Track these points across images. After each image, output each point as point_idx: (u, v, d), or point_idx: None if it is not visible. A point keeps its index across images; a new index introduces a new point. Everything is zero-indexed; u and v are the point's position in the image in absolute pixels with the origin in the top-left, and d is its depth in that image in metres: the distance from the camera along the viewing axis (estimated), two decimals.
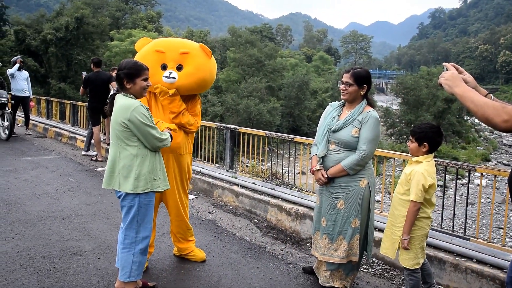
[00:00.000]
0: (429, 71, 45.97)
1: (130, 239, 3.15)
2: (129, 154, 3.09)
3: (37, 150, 9.70)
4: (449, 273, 3.76)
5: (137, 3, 56.96)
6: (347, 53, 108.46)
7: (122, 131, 3.06)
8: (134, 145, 3.09)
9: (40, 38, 33.85)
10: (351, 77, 3.47)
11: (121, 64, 3.17)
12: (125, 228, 3.15)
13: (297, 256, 4.42)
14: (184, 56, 3.75)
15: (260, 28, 66.59)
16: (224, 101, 32.21)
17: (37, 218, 5.09)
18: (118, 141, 3.10)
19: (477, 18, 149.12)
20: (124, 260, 3.15)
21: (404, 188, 3.22)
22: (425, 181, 3.09)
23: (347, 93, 3.49)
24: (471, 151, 32.61)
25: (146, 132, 3.06)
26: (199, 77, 3.80)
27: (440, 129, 3.30)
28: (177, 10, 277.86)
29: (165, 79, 3.66)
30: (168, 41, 3.94)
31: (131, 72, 3.12)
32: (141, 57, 3.71)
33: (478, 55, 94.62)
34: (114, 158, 3.12)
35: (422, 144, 3.21)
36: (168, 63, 3.71)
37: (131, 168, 3.08)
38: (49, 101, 14.22)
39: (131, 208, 3.12)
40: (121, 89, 3.17)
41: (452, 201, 16.23)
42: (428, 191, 3.13)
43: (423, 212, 3.20)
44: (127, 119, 3.02)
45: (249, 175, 6.63)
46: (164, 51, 3.73)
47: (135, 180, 3.07)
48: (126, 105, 3.04)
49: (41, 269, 3.77)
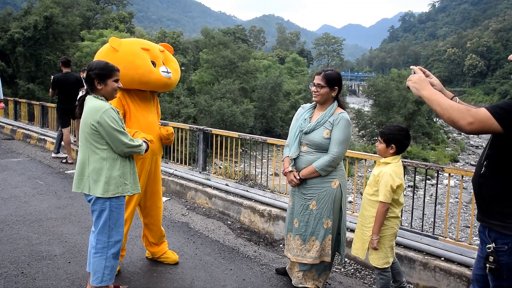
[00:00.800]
0: (399, 73, 46.80)
1: (102, 244, 3.10)
2: (98, 158, 3.02)
3: (4, 152, 9.45)
4: (418, 271, 3.85)
5: (109, 3, 56.11)
6: (320, 55, 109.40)
7: (91, 134, 3.00)
8: (103, 148, 3.03)
9: (7, 37, 32.90)
10: (323, 79, 3.51)
11: (92, 65, 3.10)
12: (97, 233, 3.09)
13: (270, 258, 4.44)
14: (163, 54, 3.88)
15: (233, 29, 66.55)
16: (197, 102, 32.02)
17: (4, 223, 4.95)
18: (88, 144, 3.03)
19: (445, 22, 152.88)
20: (96, 264, 3.10)
21: (373, 189, 3.28)
22: (393, 182, 3.16)
23: (319, 95, 3.53)
24: (440, 152, 33.38)
25: (114, 137, 2.99)
26: (179, 72, 4.02)
27: (408, 131, 3.38)
28: (149, 11, 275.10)
29: (165, 74, 3.72)
30: (141, 40, 3.93)
31: (102, 73, 3.06)
32: (132, 56, 3.63)
33: (446, 58, 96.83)
34: (83, 161, 3.06)
35: (389, 145, 3.28)
36: (155, 60, 3.74)
37: (100, 171, 3.02)
38: (17, 102, 13.86)
39: (102, 212, 3.06)
40: (91, 90, 3.09)
41: (421, 201, 16.56)
42: (396, 191, 3.20)
43: (392, 212, 3.26)
44: (96, 121, 2.95)
45: (222, 177, 6.62)
46: (149, 48, 3.75)
47: (105, 184, 3.01)
48: (96, 107, 2.98)
49: (8, 275, 3.67)
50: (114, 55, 3.60)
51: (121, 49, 3.64)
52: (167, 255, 4.07)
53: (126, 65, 3.51)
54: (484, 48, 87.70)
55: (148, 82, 3.67)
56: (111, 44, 3.66)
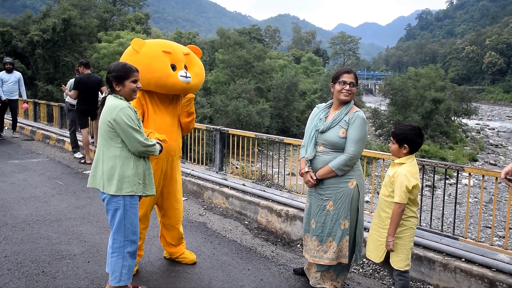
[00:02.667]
0: (416, 72, 46.40)
1: (118, 243, 3.12)
2: (112, 156, 3.06)
3: (25, 153, 9.60)
4: (438, 272, 3.80)
5: (125, 5, 56.64)
6: (336, 54, 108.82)
7: (107, 131, 3.04)
8: (117, 146, 3.06)
9: (26, 40, 33.50)
10: (355, 77, 3.53)
11: (110, 67, 3.16)
12: (113, 232, 3.12)
13: (288, 258, 4.43)
14: (187, 57, 3.84)
15: (248, 29, 66.60)
16: (213, 102, 32.15)
17: (25, 222, 5.03)
18: (103, 141, 3.08)
19: (463, 19, 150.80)
20: (113, 264, 3.12)
21: (389, 190, 3.23)
22: (408, 182, 3.11)
23: (351, 94, 3.51)
24: (458, 151, 32.93)
25: (129, 134, 3.03)
26: (203, 76, 3.98)
27: (420, 130, 3.32)
28: (165, 12, 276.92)
29: (183, 79, 3.66)
30: (168, 42, 3.90)
31: (120, 74, 3.11)
32: (151, 58, 3.62)
33: (464, 56, 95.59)
34: (98, 158, 3.11)
35: (402, 145, 3.24)
36: (176, 63, 3.70)
37: (114, 169, 3.05)
38: (37, 103, 14.08)
39: (116, 211, 3.08)
40: (111, 91, 3.15)
41: (440, 201, 16.36)
42: (412, 191, 3.15)
43: (410, 211, 3.21)
44: (112, 119, 3.00)
45: (239, 177, 6.62)
46: (171, 51, 3.72)
47: (118, 182, 3.04)
48: (114, 105, 3.03)
49: (29, 274, 3.73)
50: (134, 56, 3.64)
51: (142, 51, 3.66)
52: (184, 255, 4.08)
53: (144, 67, 3.51)
54: (504, 45, 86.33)
55: (165, 86, 3.65)
56: (132, 46, 3.69)
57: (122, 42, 32.65)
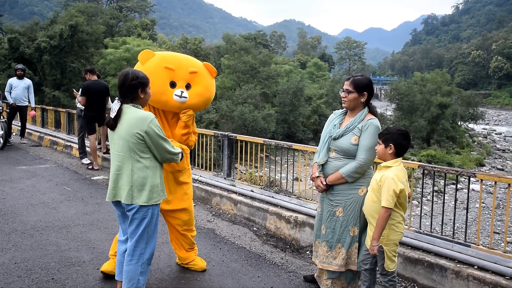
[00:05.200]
0: (422, 77, 46.31)
1: (140, 250, 3.13)
2: (143, 167, 3.07)
3: (33, 159, 9.63)
4: (450, 280, 3.75)
5: (131, 11, 56.96)
6: (341, 60, 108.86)
7: (136, 143, 3.03)
8: (147, 157, 3.08)
9: (34, 46, 33.71)
10: (351, 84, 3.48)
11: (131, 74, 3.11)
12: (136, 240, 3.11)
13: (298, 265, 4.40)
14: (193, 75, 3.72)
15: (254, 35, 66.73)
16: (218, 108, 32.15)
17: (34, 229, 5.03)
18: (131, 153, 3.05)
19: (469, 24, 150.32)
20: (131, 271, 3.11)
21: (377, 195, 3.20)
22: (396, 186, 3.06)
23: (347, 101, 3.50)
24: (465, 156, 32.74)
25: (160, 145, 3.07)
26: (207, 97, 3.86)
27: (407, 133, 3.30)
28: (171, 18, 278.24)
29: (177, 98, 3.60)
30: (175, 58, 3.83)
31: (144, 81, 3.14)
32: (150, 72, 3.56)
33: (470, 60, 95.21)
34: (121, 170, 3.07)
35: (388, 145, 3.20)
36: (177, 81, 3.65)
37: (145, 180, 3.07)
38: (44, 109, 14.14)
39: (143, 220, 3.10)
40: (132, 99, 3.11)
41: (446, 207, 16.28)
42: (400, 196, 3.11)
43: (399, 216, 3.18)
44: (143, 131, 3.00)
45: (247, 183, 6.60)
46: (174, 68, 3.65)
47: (149, 192, 3.07)
48: (143, 117, 3.03)
49: (39, 281, 3.72)
50: (138, 68, 3.65)
51: (146, 64, 3.66)
52: (195, 262, 4.07)
53: None
54: (511, 50, 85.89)
55: (158, 102, 3.64)
56: (139, 58, 3.71)
57: (128, 48, 32.76)
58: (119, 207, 3.19)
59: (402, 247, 4.14)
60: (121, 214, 3.23)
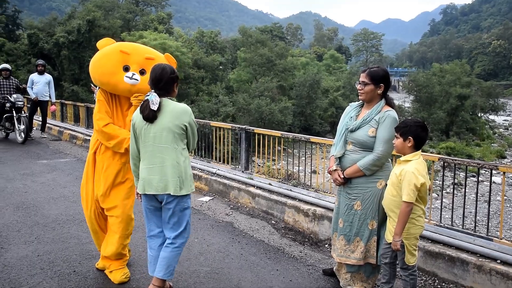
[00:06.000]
0: (441, 68, 45.65)
1: (182, 239, 3.23)
2: (185, 157, 3.19)
3: (53, 153, 9.77)
4: (472, 274, 3.70)
5: (148, 5, 57.16)
6: (358, 51, 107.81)
7: (180, 134, 3.13)
8: (185, 147, 3.21)
9: (52, 41, 34.14)
10: (367, 76, 3.44)
11: (170, 68, 3.18)
12: (181, 231, 3.20)
13: (316, 258, 4.39)
14: (149, 62, 3.67)
15: (270, 27, 66.48)
16: (235, 101, 32.19)
17: (55, 222, 5.11)
18: (174, 145, 3.12)
19: (490, 13, 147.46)
20: (172, 258, 3.18)
21: (397, 189, 3.15)
22: (416, 180, 3.02)
23: (363, 93, 3.45)
24: (485, 148, 32.19)
25: (195, 135, 3.25)
26: None
27: (425, 124, 3.25)
28: (187, 11, 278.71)
29: (127, 80, 3.58)
30: (133, 45, 3.88)
31: (178, 76, 3.24)
32: (104, 55, 3.65)
33: (491, 51, 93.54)
34: (170, 161, 3.10)
35: (406, 138, 3.15)
36: (131, 65, 3.64)
37: (187, 169, 3.19)
38: (64, 104, 14.32)
39: (186, 209, 3.20)
40: (167, 93, 3.16)
41: (467, 200, 16.06)
42: (420, 189, 3.06)
43: (420, 210, 3.15)
44: (188, 122, 3.13)
45: (265, 176, 6.60)
46: (129, 53, 3.67)
47: (190, 181, 3.19)
48: (186, 109, 3.16)
49: (61, 273, 3.78)
50: (98, 53, 3.75)
51: (102, 49, 3.73)
52: None
53: (93, 63, 3.68)
54: None
55: (108, 84, 3.63)
56: (97, 44, 3.79)
57: (145, 42, 32.92)
58: (153, 201, 3.20)
59: (422, 241, 4.09)
60: (153, 208, 3.23)
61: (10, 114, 10.63)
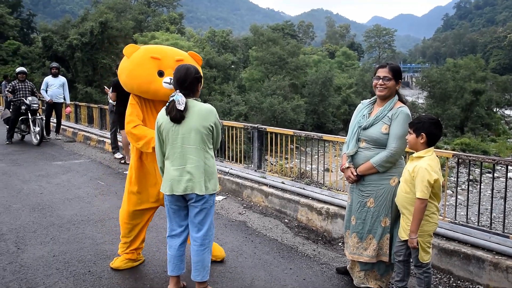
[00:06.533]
0: (455, 63, 45.10)
1: (209, 238, 3.26)
2: (210, 157, 3.22)
3: (67, 154, 9.88)
4: (488, 272, 3.65)
5: (159, 6, 57.49)
6: (371, 48, 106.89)
7: (208, 135, 3.17)
8: (211, 147, 3.25)
9: (66, 44, 34.55)
10: (390, 71, 3.42)
11: (194, 68, 3.21)
12: (206, 229, 3.22)
13: (330, 256, 4.37)
14: (180, 63, 3.69)
15: (282, 25, 66.37)
16: (247, 100, 32.19)
17: (70, 222, 5.17)
18: (202, 145, 3.15)
19: (505, 6, 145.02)
20: (206, 260, 3.23)
21: (410, 186, 3.13)
22: (430, 176, 3.00)
23: (386, 88, 3.42)
24: (501, 144, 31.74)
25: (219, 135, 3.29)
26: None
27: (439, 121, 3.23)
28: (198, 11, 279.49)
29: (167, 85, 3.64)
30: (160, 48, 3.93)
31: (202, 76, 3.27)
32: (138, 64, 3.69)
33: (506, 44, 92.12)
34: (199, 162, 3.15)
35: (419, 135, 3.12)
36: (164, 69, 3.70)
37: (213, 169, 3.24)
38: (77, 106, 14.47)
39: (211, 208, 3.24)
40: (192, 93, 3.19)
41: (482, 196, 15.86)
42: (434, 186, 3.04)
43: (433, 206, 3.12)
44: (213, 123, 3.17)
45: (278, 175, 6.59)
46: (160, 57, 3.72)
47: (216, 180, 3.25)
48: (211, 109, 3.19)
49: (76, 273, 3.82)
50: (125, 62, 3.79)
51: (132, 57, 3.76)
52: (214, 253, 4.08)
53: (128, 73, 3.69)
54: None
55: (147, 92, 3.70)
56: (124, 52, 3.81)
57: (157, 42, 33.13)
58: (179, 201, 3.22)
59: (437, 238, 4.06)
60: (177, 208, 3.25)
61: (26, 117, 10.78)
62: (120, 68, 3.88)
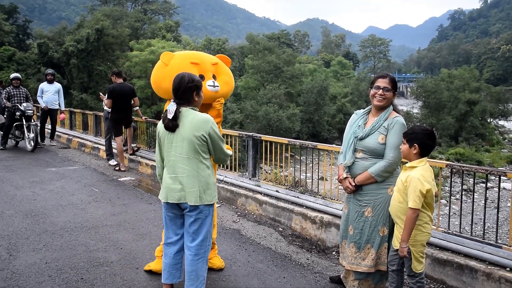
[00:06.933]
0: (450, 73, 45.45)
1: (204, 248, 3.23)
2: (205, 167, 3.19)
3: (62, 160, 9.84)
4: (481, 282, 3.66)
5: (156, 13, 57.57)
6: (366, 58, 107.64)
7: (201, 145, 3.13)
8: (207, 157, 3.22)
9: (62, 50, 34.51)
10: (390, 82, 3.46)
11: (189, 77, 3.18)
12: (201, 240, 3.20)
13: (324, 265, 4.37)
14: (216, 67, 3.93)
15: (277, 34, 66.72)
16: (243, 108, 32.25)
17: (63, 229, 5.14)
18: (195, 155, 3.14)
19: (499, 18, 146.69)
20: (199, 270, 3.21)
21: (403, 196, 3.14)
22: (422, 186, 3.01)
23: (385, 99, 3.45)
24: (495, 154, 31.96)
25: (218, 146, 3.21)
26: (232, 84, 4.10)
27: (433, 132, 3.25)
28: (194, 19, 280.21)
29: (211, 88, 3.74)
30: (196, 53, 4.02)
31: (199, 85, 3.23)
32: (179, 70, 3.62)
33: (500, 55, 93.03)
34: (191, 172, 3.14)
35: (412, 145, 3.15)
36: (205, 73, 3.79)
37: (208, 179, 3.19)
38: (72, 112, 14.44)
39: (206, 218, 3.20)
40: (187, 102, 3.17)
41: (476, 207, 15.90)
42: (426, 196, 3.05)
43: (426, 216, 3.13)
44: (206, 133, 3.12)
45: (272, 183, 6.59)
46: (199, 62, 3.81)
47: (213, 191, 3.22)
48: (205, 119, 3.14)
49: (69, 280, 3.79)
50: (164, 69, 3.78)
51: (171, 64, 3.77)
52: (213, 261, 4.07)
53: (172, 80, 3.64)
54: None
55: None
56: (161, 59, 3.82)
57: (153, 50, 33.12)
58: (175, 209, 3.23)
59: (430, 248, 4.07)
60: (173, 216, 3.27)
61: (20, 123, 10.75)
62: (158, 75, 3.84)
